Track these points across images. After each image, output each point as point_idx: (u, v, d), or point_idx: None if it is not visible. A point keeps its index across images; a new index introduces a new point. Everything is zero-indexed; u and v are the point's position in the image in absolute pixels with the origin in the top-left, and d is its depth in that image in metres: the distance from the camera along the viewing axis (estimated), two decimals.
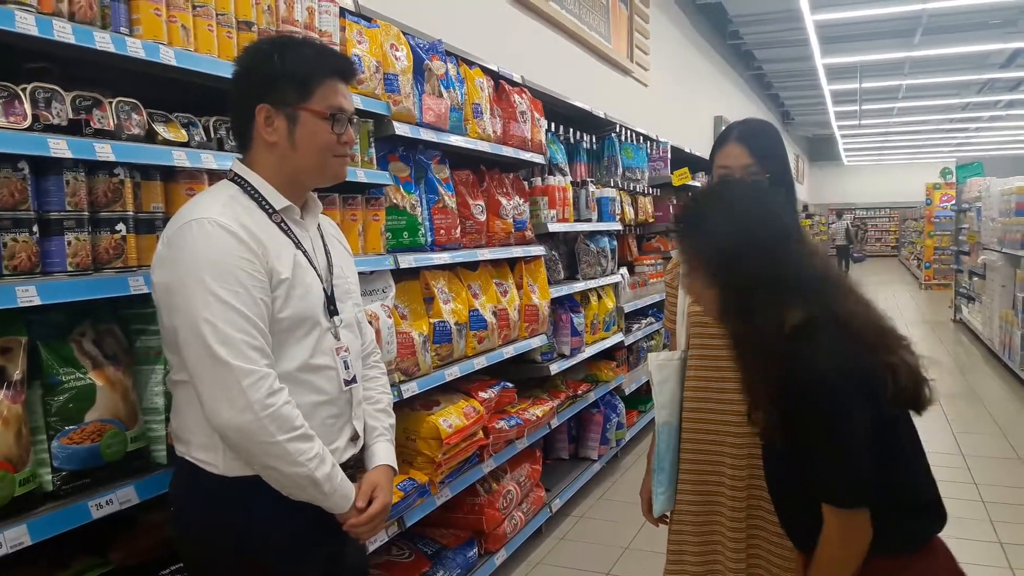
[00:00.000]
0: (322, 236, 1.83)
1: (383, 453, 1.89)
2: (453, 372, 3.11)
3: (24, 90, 1.64)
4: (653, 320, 6.07)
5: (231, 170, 1.73)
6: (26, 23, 1.58)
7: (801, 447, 1.45)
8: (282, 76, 1.65)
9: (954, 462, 5.27)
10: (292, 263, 1.65)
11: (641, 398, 5.74)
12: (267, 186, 1.68)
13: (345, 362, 1.76)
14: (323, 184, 1.80)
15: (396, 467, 1.91)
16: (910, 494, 1.51)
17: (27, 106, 1.63)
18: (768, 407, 1.48)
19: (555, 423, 4.14)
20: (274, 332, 1.61)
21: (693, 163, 7.09)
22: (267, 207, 1.67)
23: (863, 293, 1.55)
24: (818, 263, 1.54)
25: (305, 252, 1.71)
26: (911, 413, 1.52)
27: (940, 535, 1.57)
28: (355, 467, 1.82)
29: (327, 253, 1.81)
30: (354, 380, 1.79)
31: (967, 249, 11.65)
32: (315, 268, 1.72)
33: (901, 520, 1.48)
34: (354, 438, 1.82)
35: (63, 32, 1.65)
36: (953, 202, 14.00)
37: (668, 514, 2.22)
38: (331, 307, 1.75)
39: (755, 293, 1.48)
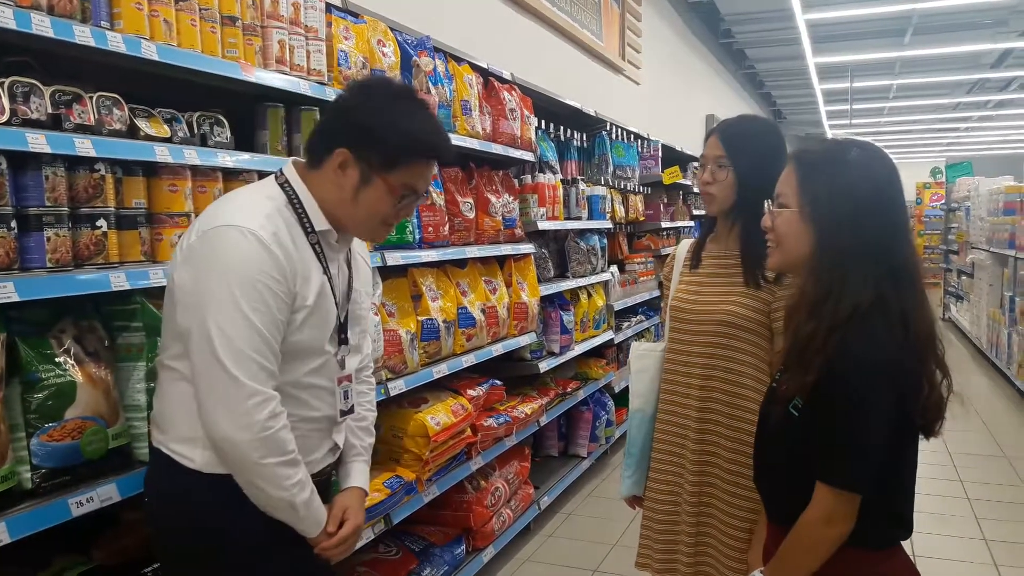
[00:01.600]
0: (348, 255, 1.81)
1: (357, 475, 1.89)
2: (441, 370, 3.10)
3: (2, 84, 1.63)
4: (643, 318, 6.08)
5: (282, 173, 1.70)
6: (4, 16, 1.56)
7: (814, 419, 1.45)
8: (379, 139, 1.61)
9: (941, 459, 5.29)
10: (318, 291, 1.64)
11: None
12: (314, 206, 1.66)
13: (345, 392, 1.77)
14: (360, 239, 1.82)
15: (368, 489, 1.91)
16: (899, 500, 1.52)
17: (5, 100, 1.61)
18: (805, 370, 1.45)
19: (544, 421, 4.13)
20: (282, 350, 1.60)
21: (684, 161, 7.09)
22: (307, 226, 1.65)
23: (930, 302, 1.52)
24: (916, 259, 1.51)
25: (330, 278, 1.70)
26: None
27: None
28: (330, 474, 1.84)
29: (349, 277, 1.80)
30: (351, 411, 1.81)
31: (956, 248, 11.70)
32: (335, 296, 1.72)
33: (882, 519, 1.48)
34: (333, 449, 1.83)
35: (42, 26, 1.64)
36: (943, 201, 14.06)
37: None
38: (342, 335, 1.76)
39: (855, 259, 1.44)
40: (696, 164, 2.13)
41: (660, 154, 6.54)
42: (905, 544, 1.55)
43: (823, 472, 1.44)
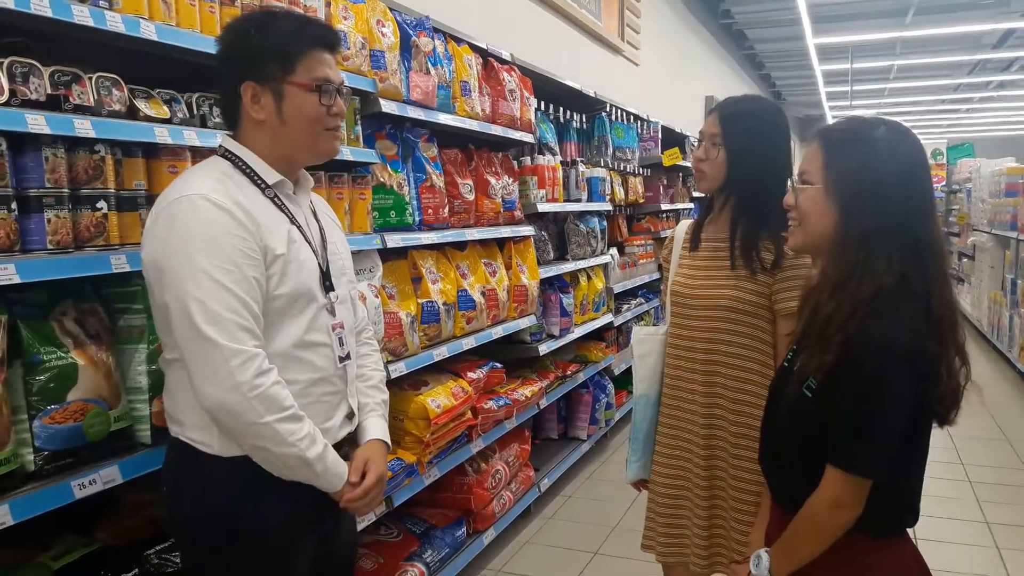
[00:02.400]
0: (314, 212, 1.81)
1: (375, 428, 1.87)
2: (441, 352, 3.10)
3: (1, 65, 1.61)
4: (643, 301, 6.07)
5: (221, 146, 1.70)
6: None
7: (829, 400, 1.42)
8: (263, 51, 1.62)
9: (942, 443, 5.31)
10: (287, 239, 1.63)
11: (631, 379, 5.72)
12: (259, 161, 1.66)
13: (340, 339, 1.75)
14: (315, 161, 1.78)
15: (389, 442, 1.90)
16: (909, 487, 1.50)
17: (4, 81, 1.60)
18: (824, 349, 1.43)
19: (544, 403, 4.14)
20: (270, 310, 1.59)
21: (684, 143, 7.06)
22: (259, 182, 1.65)
23: (952, 287, 1.50)
24: (941, 241, 1.49)
25: (299, 227, 1.69)
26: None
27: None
28: (349, 447, 1.81)
29: (320, 228, 1.79)
30: (348, 357, 1.78)
31: (957, 230, 11.68)
32: (310, 243, 1.71)
33: (891, 506, 1.47)
34: (350, 416, 1.81)
35: (40, 6, 1.62)
36: (944, 183, 14.02)
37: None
38: (327, 283, 1.74)
39: (880, 238, 1.42)
40: (694, 142, 2.13)
41: (660, 135, 6.51)
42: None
43: (835, 455, 1.41)
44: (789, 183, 1.58)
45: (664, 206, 6.59)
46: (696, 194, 7.46)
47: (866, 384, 1.38)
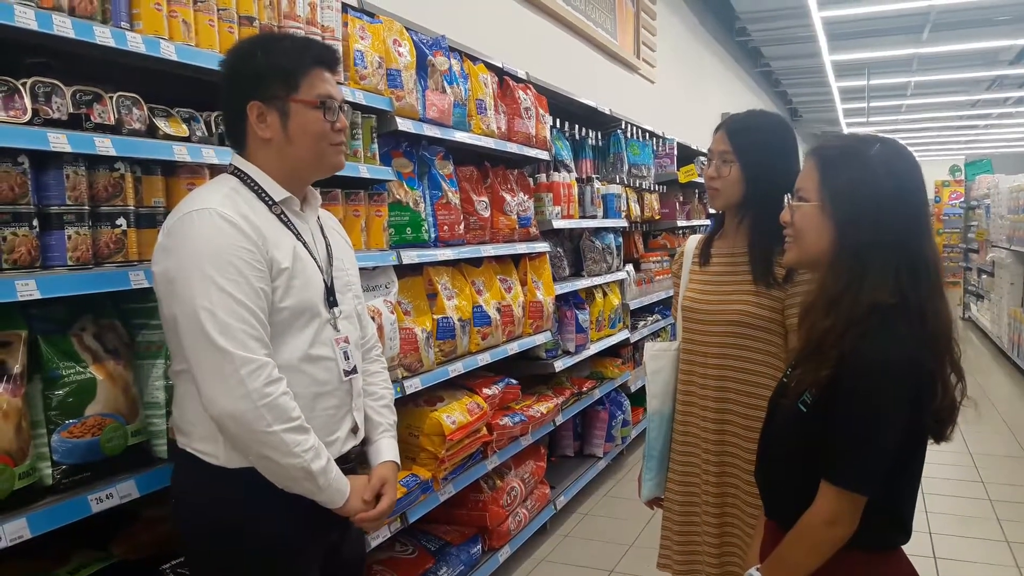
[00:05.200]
0: (322, 228, 1.84)
1: (388, 449, 1.90)
2: (456, 368, 3.10)
3: (24, 85, 1.64)
4: (659, 317, 6.05)
5: (231, 164, 1.74)
6: (26, 17, 1.58)
7: (824, 416, 1.42)
8: (267, 71, 1.67)
9: (961, 460, 5.24)
10: (292, 254, 1.66)
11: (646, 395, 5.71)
12: (267, 178, 1.70)
13: (345, 352, 1.77)
14: (321, 175, 1.81)
15: (400, 463, 1.92)
16: (901, 504, 1.50)
17: (27, 100, 1.63)
18: (819, 364, 1.43)
19: (560, 420, 4.13)
20: (274, 322, 1.62)
21: (699, 160, 7.06)
22: (267, 199, 1.68)
23: (948, 303, 1.50)
24: (936, 257, 1.49)
25: (305, 244, 1.72)
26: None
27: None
28: (355, 460, 1.83)
29: (327, 245, 1.82)
30: (354, 371, 1.80)
31: (976, 247, 11.59)
32: (315, 259, 1.74)
33: (882, 522, 1.46)
34: (354, 429, 1.82)
35: (63, 27, 1.65)
36: (962, 199, 13.92)
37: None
38: (331, 298, 1.76)
39: (875, 254, 1.42)
40: (704, 160, 2.14)
41: (675, 152, 6.52)
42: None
43: (830, 471, 1.41)
44: (786, 199, 1.58)
45: (680, 222, 6.58)
46: (711, 210, 7.44)
47: (861, 400, 1.38)
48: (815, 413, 1.45)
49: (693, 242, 2.28)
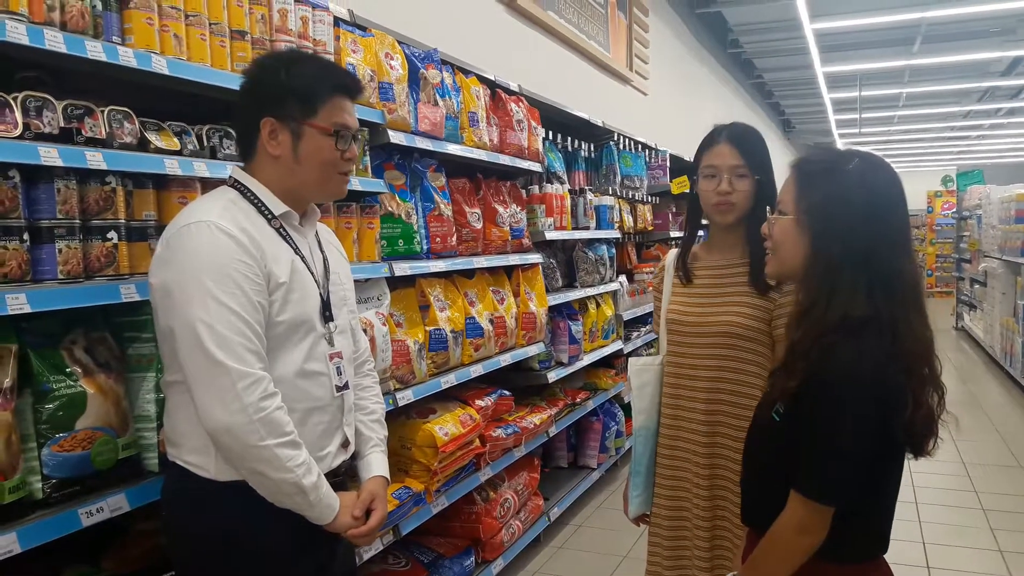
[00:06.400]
0: (319, 242, 1.85)
1: (378, 464, 1.91)
2: (449, 380, 3.10)
3: (15, 99, 1.65)
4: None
5: (231, 176, 1.74)
6: (17, 32, 1.58)
7: (797, 426, 1.44)
8: (288, 92, 1.68)
9: (955, 470, 5.25)
10: (290, 268, 1.67)
11: None
12: (267, 192, 1.70)
13: (338, 368, 1.78)
14: (323, 200, 1.83)
15: (389, 478, 1.93)
16: (877, 516, 1.51)
17: (18, 115, 1.64)
18: (790, 376, 1.45)
19: (553, 431, 4.13)
20: (271, 336, 1.62)
21: (692, 171, 7.08)
22: (266, 212, 1.69)
23: (927, 318, 1.51)
24: (913, 272, 1.50)
25: (303, 258, 1.73)
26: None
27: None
28: (345, 474, 1.83)
29: (324, 259, 1.83)
30: (346, 386, 1.81)
31: (968, 257, 11.65)
32: (312, 274, 1.74)
33: (858, 535, 1.48)
34: (345, 444, 1.82)
35: (55, 41, 1.66)
36: (954, 210, 14.00)
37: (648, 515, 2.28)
38: (327, 312, 1.77)
39: (846, 269, 1.43)
40: (699, 173, 2.11)
41: (668, 164, 6.54)
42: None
43: (799, 480, 1.44)
44: (768, 210, 1.61)
45: (673, 233, 6.60)
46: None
47: (827, 411, 1.40)
48: (786, 423, 1.48)
49: (673, 256, 2.28)
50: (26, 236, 1.65)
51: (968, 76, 12.93)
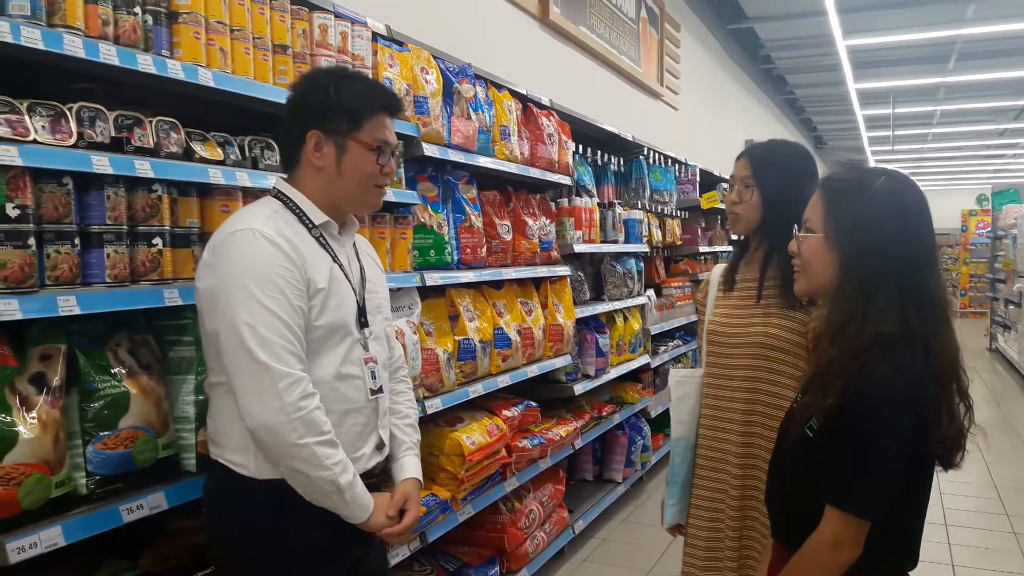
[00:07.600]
0: (356, 252, 1.91)
1: (412, 467, 1.96)
2: (477, 389, 3.14)
3: (70, 109, 1.72)
4: (681, 343, 6.05)
5: (274, 187, 1.82)
6: (74, 46, 1.66)
7: (829, 441, 1.45)
8: (336, 106, 1.75)
9: (987, 492, 5.17)
10: (329, 275, 1.74)
11: (667, 421, 5.68)
12: (308, 203, 1.78)
13: (372, 372, 1.83)
14: (360, 212, 1.89)
15: (422, 481, 1.98)
16: (908, 530, 1.51)
17: (73, 124, 1.71)
18: (824, 392, 1.46)
19: (579, 444, 4.14)
20: (309, 339, 1.69)
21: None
22: (307, 222, 1.76)
23: (955, 333, 1.52)
24: (942, 288, 1.51)
25: (341, 266, 1.79)
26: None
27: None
28: (379, 476, 1.88)
29: (361, 268, 1.89)
30: (380, 390, 1.86)
31: (1003, 277, 11.46)
32: (349, 281, 1.81)
33: (889, 549, 1.48)
34: (379, 446, 1.88)
35: (108, 55, 1.74)
36: (989, 229, 13.80)
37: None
38: (362, 319, 1.82)
39: (879, 286, 1.45)
40: (725, 186, 2.20)
41: (698, 179, 6.55)
42: None
43: (834, 495, 1.44)
44: (795, 229, 1.63)
45: (703, 248, 6.59)
46: (733, 237, 7.44)
47: (863, 426, 1.41)
48: (821, 438, 1.48)
49: (718, 271, 2.32)
50: (77, 241, 1.72)
51: (1004, 94, 12.77)
